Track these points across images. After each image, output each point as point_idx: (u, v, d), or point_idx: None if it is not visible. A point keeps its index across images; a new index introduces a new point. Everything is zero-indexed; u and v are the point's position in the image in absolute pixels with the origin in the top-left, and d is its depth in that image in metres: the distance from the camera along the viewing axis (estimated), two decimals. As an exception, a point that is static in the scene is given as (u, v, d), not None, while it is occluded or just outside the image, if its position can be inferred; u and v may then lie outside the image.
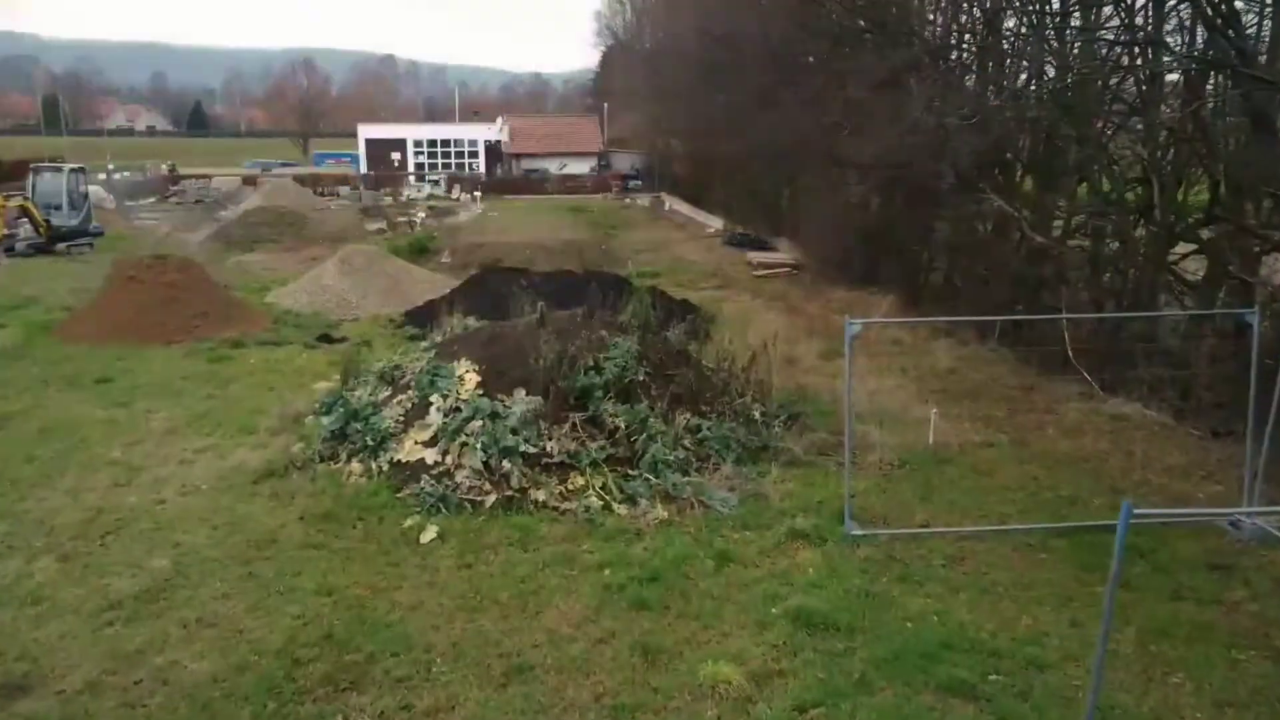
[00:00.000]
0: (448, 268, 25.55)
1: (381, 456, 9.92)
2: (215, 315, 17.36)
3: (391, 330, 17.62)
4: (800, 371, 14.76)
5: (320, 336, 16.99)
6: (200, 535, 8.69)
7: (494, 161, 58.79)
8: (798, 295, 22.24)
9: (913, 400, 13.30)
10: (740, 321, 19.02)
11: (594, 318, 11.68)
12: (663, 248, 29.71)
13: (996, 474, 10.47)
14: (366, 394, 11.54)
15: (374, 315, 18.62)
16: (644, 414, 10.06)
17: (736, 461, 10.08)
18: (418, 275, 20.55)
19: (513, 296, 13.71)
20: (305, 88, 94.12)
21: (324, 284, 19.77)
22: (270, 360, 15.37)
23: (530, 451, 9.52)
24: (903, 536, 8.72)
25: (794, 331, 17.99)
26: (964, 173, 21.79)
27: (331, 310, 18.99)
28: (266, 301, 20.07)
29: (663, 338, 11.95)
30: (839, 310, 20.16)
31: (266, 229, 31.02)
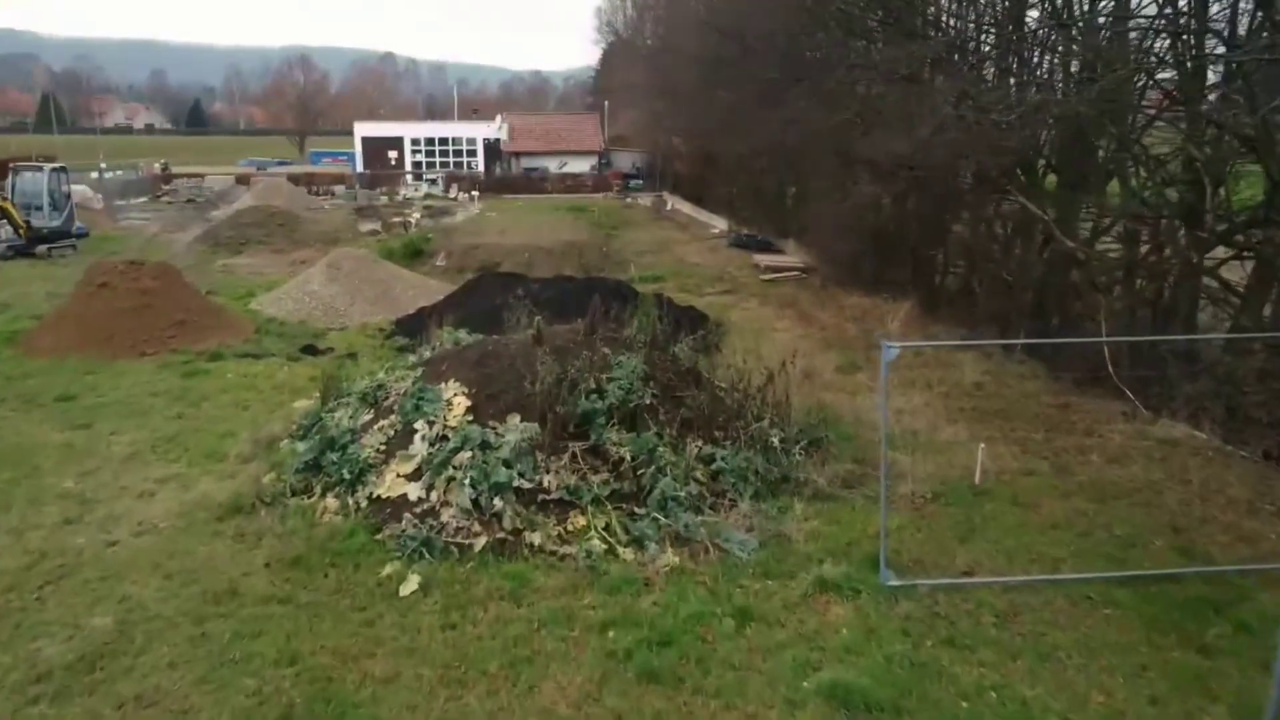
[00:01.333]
0: (442, 271, 24.54)
1: (360, 491, 8.91)
2: (193, 324, 16.35)
3: (380, 341, 16.60)
4: (818, 387, 13.73)
5: (304, 348, 15.98)
6: (151, 586, 7.68)
7: (493, 160, 57.73)
8: (809, 301, 21.22)
9: (941, 420, 12.28)
10: (750, 331, 18.02)
11: (595, 333, 10.66)
12: (665, 249, 28.70)
13: (1040, 508, 9.45)
14: (346, 417, 10.54)
15: (362, 324, 17.60)
16: (652, 443, 9.05)
17: (755, 496, 9.07)
18: (409, 280, 19.54)
19: (508, 307, 12.68)
20: (302, 85, 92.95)
21: (310, 290, 18.76)
22: (249, 375, 14.35)
23: (525, 487, 8.51)
24: (945, 587, 7.71)
25: (808, 342, 17.00)
26: (983, 172, 20.88)
27: (318, 318, 17.98)
28: (250, 308, 19.06)
29: (671, 355, 10.94)
30: (853, 318, 19.20)
31: (256, 230, 30.01)
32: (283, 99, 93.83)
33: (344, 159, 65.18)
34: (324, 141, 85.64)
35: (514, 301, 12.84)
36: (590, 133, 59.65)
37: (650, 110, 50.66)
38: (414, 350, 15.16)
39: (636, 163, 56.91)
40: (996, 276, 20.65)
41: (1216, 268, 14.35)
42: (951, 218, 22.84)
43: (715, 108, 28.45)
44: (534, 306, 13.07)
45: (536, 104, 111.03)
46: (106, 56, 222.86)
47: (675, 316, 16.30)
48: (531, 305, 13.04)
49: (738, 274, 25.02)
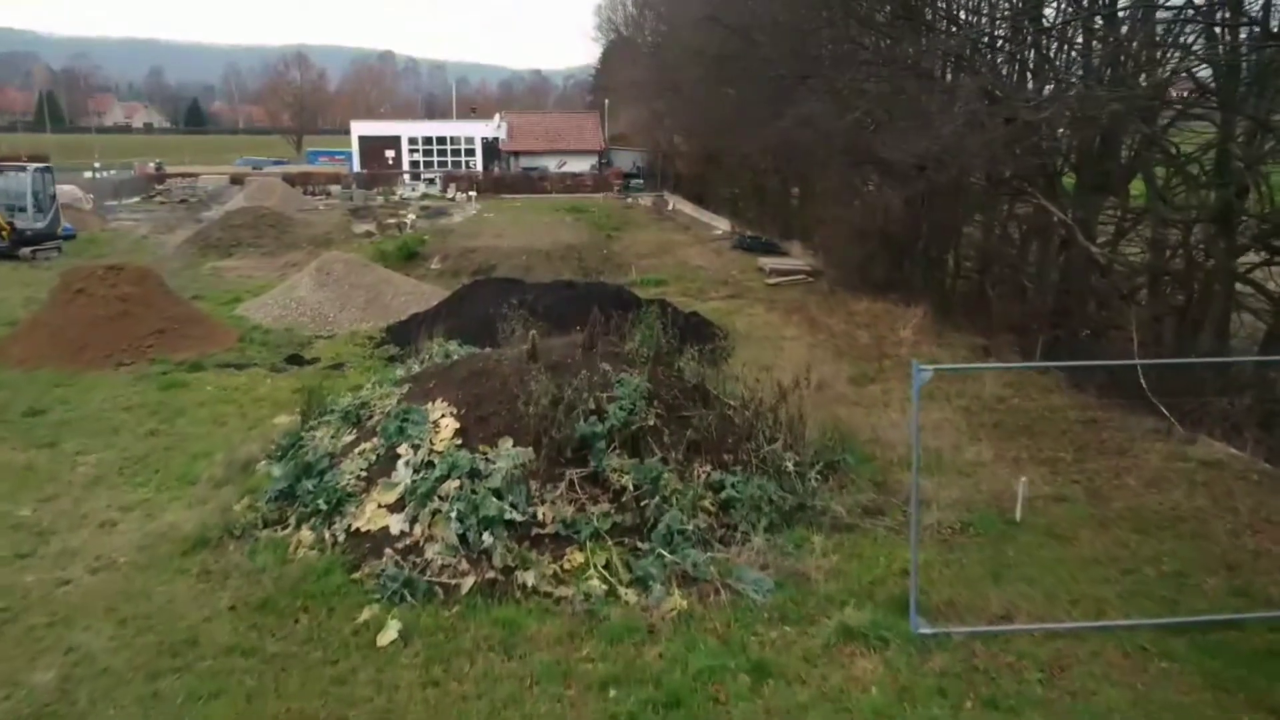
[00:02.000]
0: (437, 274, 23.77)
1: (337, 523, 8.16)
2: (173, 333, 15.61)
3: (369, 350, 15.84)
4: (830, 400, 12.99)
5: (289, 358, 15.24)
6: (103, 634, 6.94)
7: (491, 159, 56.96)
8: (817, 306, 20.46)
9: (963, 438, 11.53)
10: (757, 339, 17.27)
11: (594, 347, 9.91)
12: (667, 252, 27.93)
13: (1078, 540, 8.70)
14: (327, 437, 9.80)
15: (351, 331, 16.85)
16: (656, 470, 8.29)
17: (769, 528, 8.31)
18: (401, 285, 18.79)
19: (503, 317, 11.93)
20: (299, 83, 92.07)
21: (298, 296, 18.00)
22: (229, 387, 13.60)
23: (517, 520, 7.77)
24: (982, 634, 6.96)
25: (818, 351, 16.25)
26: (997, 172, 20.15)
27: (305, 325, 17.23)
28: (235, 315, 18.31)
29: (676, 370, 10.19)
30: (864, 324, 18.45)
31: (247, 232, 29.23)
32: (279, 98, 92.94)
33: (341, 158, 64.42)
34: (322, 140, 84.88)
35: (509, 311, 12.08)
36: (590, 132, 58.87)
37: (650, 109, 49.92)
38: (404, 360, 14.44)
39: (637, 162, 56.13)
40: (1012, 281, 19.95)
41: (1248, 272, 13.63)
42: (962, 219, 22.14)
43: (719, 105, 27.69)
44: (530, 316, 12.36)
45: (536, 103, 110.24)
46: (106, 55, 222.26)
47: (679, 326, 15.58)
48: (527, 315, 12.32)
49: (742, 278, 24.26)
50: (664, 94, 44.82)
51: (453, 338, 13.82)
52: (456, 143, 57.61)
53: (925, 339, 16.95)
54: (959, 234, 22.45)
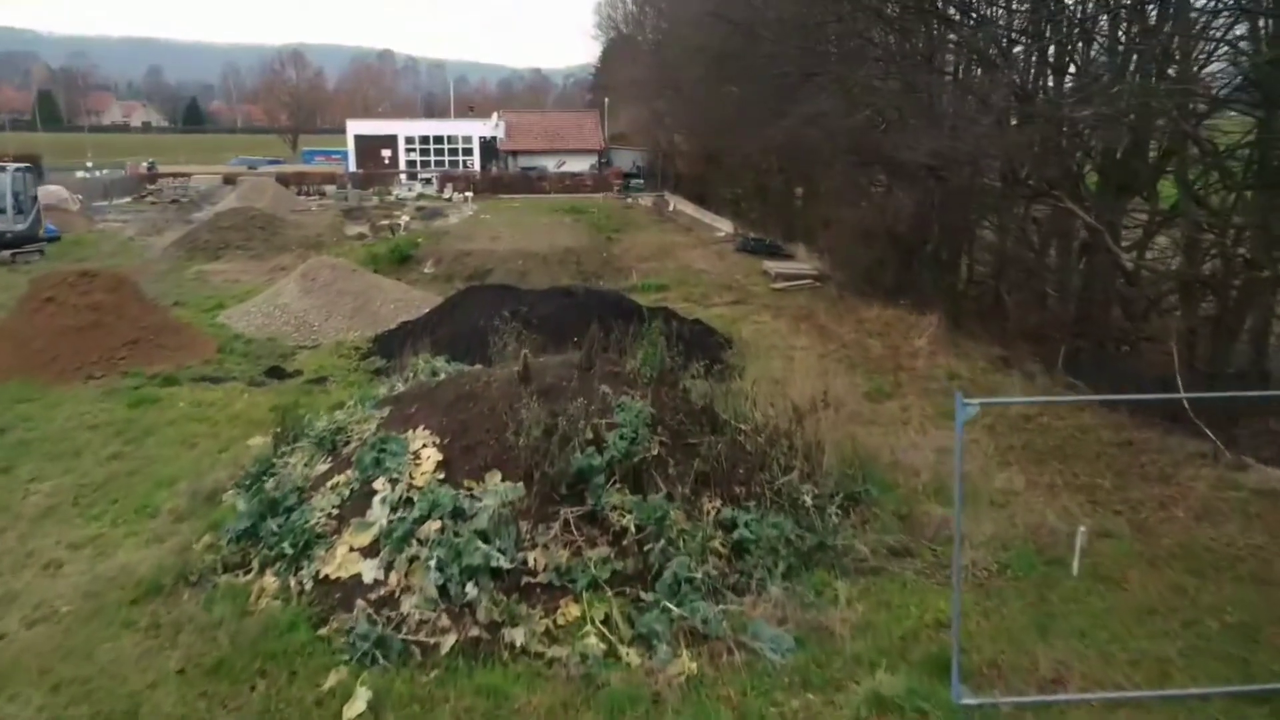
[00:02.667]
0: (430, 279, 22.92)
1: (304, 568, 7.30)
2: (148, 343, 14.75)
3: (355, 361, 14.98)
4: (845, 418, 12.12)
5: (269, 370, 14.38)
6: (32, 703, 6.09)
7: (489, 159, 56.11)
8: (825, 313, 19.60)
9: (990, 462, 10.68)
10: (764, 349, 16.41)
11: (592, 367, 9.06)
12: (669, 254, 27.07)
13: (1129, 584, 7.85)
14: (300, 465, 8.96)
15: (336, 341, 15.98)
16: (661, 509, 7.43)
17: (787, 574, 7.46)
18: (391, 292, 17.92)
19: (495, 330, 11.08)
20: (295, 81, 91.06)
21: (282, 303, 17.15)
22: (203, 403, 12.74)
23: (505, 568, 6.91)
24: (1033, 705, 6.11)
25: (829, 362, 15.40)
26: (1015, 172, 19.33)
27: (289, 334, 16.37)
28: (216, 323, 17.44)
29: (682, 391, 9.34)
30: (875, 332, 17.60)
31: (236, 234, 28.36)
32: (275, 97, 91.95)
33: (338, 157, 63.61)
34: (318, 140, 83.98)
35: (502, 324, 11.22)
36: (590, 131, 58.00)
37: (651, 107, 49.11)
38: (390, 374, 13.60)
39: (637, 161, 55.27)
40: (1029, 287, 19.10)
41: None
42: (974, 222, 21.31)
43: (721, 104, 26.84)
44: (524, 329, 11.53)
45: (536, 102, 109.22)
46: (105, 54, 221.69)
47: (683, 336, 14.73)
48: (521, 327, 11.48)
49: (746, 282, 23.41)
50: (665, 92, 44.02)
51: (442, 351, 13.00)
52: (454, 142, 56.75)
53: (941, 349, 16.10)
54: (971, 237, 21.64)
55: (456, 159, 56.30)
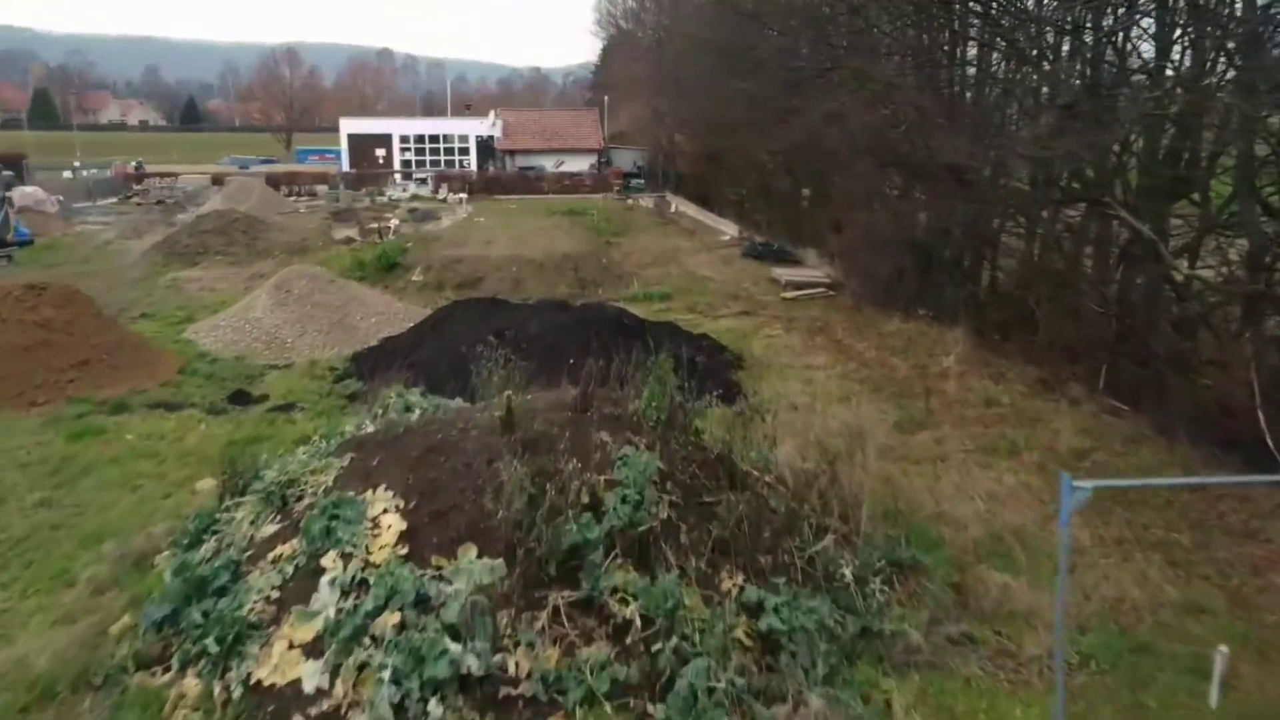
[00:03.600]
0: (419, 287, 21.53)
1: (235, 669, 5.93)
2: (100, 365, 13.39)
3: (328, 384, 13.60)
4: (874, 456, 10.77)
5: (232, 395, 13.01)
6: None
7: (486, 158, 54.67)
8: (842, 326, 18.23)
9: (1048, 508, 9.30)
10: (778, 368, 15.05)
11: (589, 410, 7.68)
12: (671, 259, 25.68)
13: (1240, 682, 6.48)
14: (246, 524, 7.59)
15: (310, 360, 14.59)
16: (672, 596, 6.06)
17: (829, 675, 6.08)
18: (372, 304, 16.53)
19: (478, 356, 9.70)
20: (289, 78, 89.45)
21: (253, 317, 15.78)
22: (153, 435, 11.36)
23: (478, 675, 5.55)
24: None
25: (850, 384, 14.04)
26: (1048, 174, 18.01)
27: (259, 352, 15.00)
28: (182, 338, 16.06)
29: (695, 435, 7.97)
30: (898, 349, 16.21)
31: (217, 238, 26.98)
32: (269, 94, 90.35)
33: (332, 156, 62.24)
34: (313, 139, 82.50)
35: (488, 349, 9.83)
36: (589, 129, 56.57)
37: (652, 105, 47.74)
38: (365, 398, 12.25)
39: (637, 161, 53.86)
40: (1062, 298, 17.74)
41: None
42: (999, 227, 19.94)
43: (727, 101, 25.42)
44: (514, 352, 10.16)
45: (535, 101, 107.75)
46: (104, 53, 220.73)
47: (692, 359, 13.36)
48: (509, 351, 10.11)
49: (755, 290, 22.03)
50: (666, 89, 42.63)
51: (422, 375, 11.65)
52: (450, 141, 55.27)
53: (972, 369, 14.72)
54: (995, 244, 20.25)
55: (453, 158, 54.86)
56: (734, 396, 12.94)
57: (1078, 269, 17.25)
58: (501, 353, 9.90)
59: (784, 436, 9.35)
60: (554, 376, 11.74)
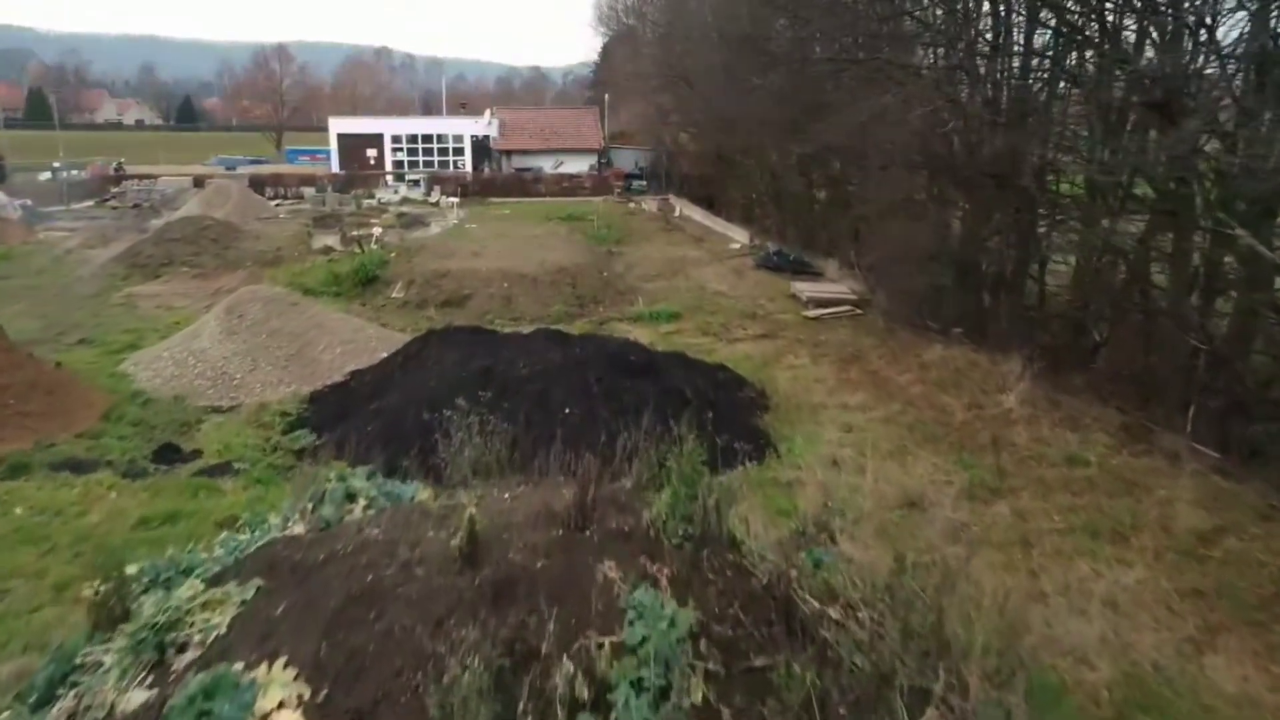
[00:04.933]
0: (398, 305, 19.36)
1: None
2: (5, 411, 11.19)
3: (277, 434, 11.41)
4: (943, 535, 8.62)
5: (159, 450, 10.84)
6: None
7: (482, 159, 52.50)
8: (875, 352, 16.05)
9: (1186, 624, 7.12)
10: (809, 409, 12.86)
11: (589, 526, 5.48)
12: (678, 271, 23.51)
13: None
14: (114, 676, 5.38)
15: (260, 403, 12.40)
16: None
17: None
18: (338, 331, 14.32)
19: (446, 424, 7.50)
20: (279, 74, 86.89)
21: (199, 348, 13.60)
22: (48, 509, 9.18)
23: None
24: None
25: (897, 430, 11.85)
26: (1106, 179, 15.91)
27: (202, 390, 12.82)
28: (118, 372, 13.87)
29: (738, 553, 5.76)
30: (946, 382, 14.02)
31: (184, 247, 24.80)
32: (256, 92, 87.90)
33: (323, 157, 60.09)
34: (306, 138, 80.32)
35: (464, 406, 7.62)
36: (589, 129, 54.39)
37: (655, 103, 45.59)
38: (317, 455, 10.07)
39: (639, 162, 51.70)
40: (1127, 322, 15.57)
41: None
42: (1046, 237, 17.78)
43: (741, 98, 23.24)
44: (499, 394, 8.01)
45: (535, 100, 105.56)
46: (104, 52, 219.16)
47: (710, 400, 11.17)
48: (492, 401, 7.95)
49: (773, 308, 19.84)
50: (671, 86, 40.52)
51: (382, 436, 9.46)
52: (444, 141, 53.13)
53: (1039, 410, 12.55)
54: (1043, 257, 18.05)
55: (447, 159, 52.74)
56: (763, 449, 10.79)
57: (1148, 288, 15.10)
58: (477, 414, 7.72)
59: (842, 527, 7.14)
60: (544, 434, 9.57)
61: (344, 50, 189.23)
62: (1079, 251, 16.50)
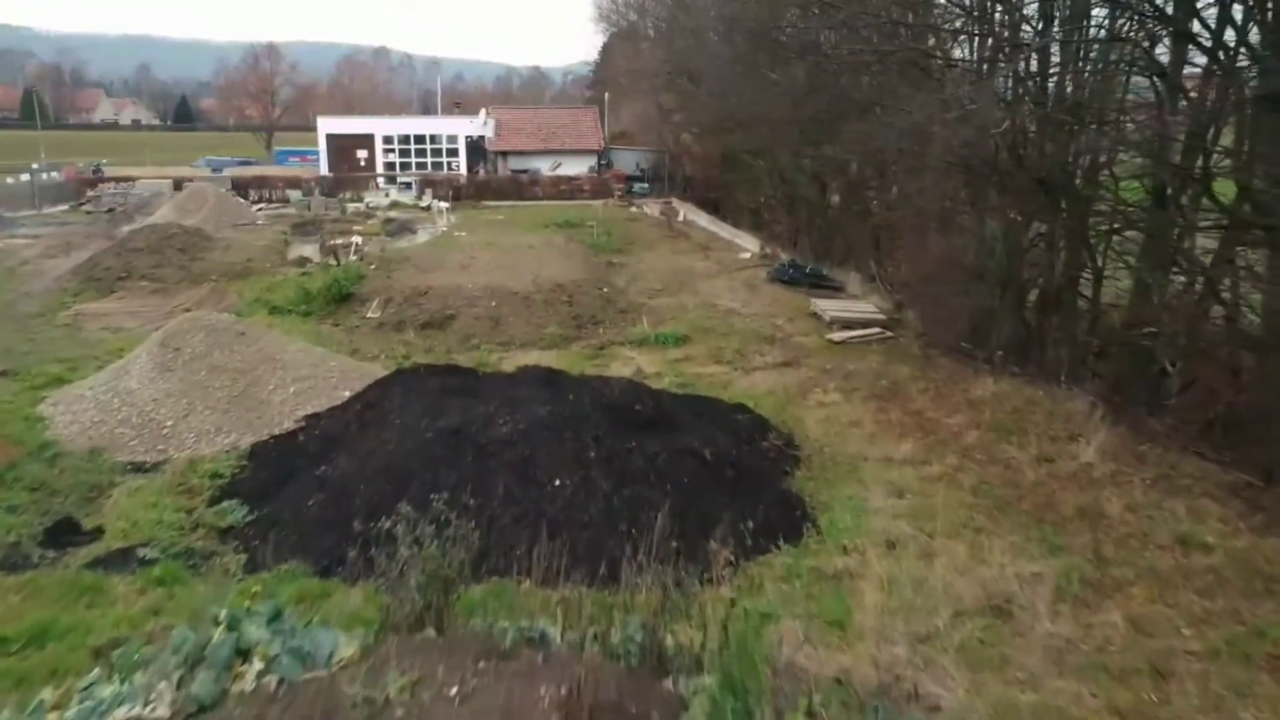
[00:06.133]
0: (373, 327, 17.26)
1: None
2: None
3: (203, 504, 9.31)
4: (1033, 647, 6.59)
5: (53, 529, 8.75)
6: None
7: (477, 160, 50.40)
8: (914, 384, 13.97)
9: None
10: (845, 462, 10.78)
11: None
12: (684, 285, 21.44)
13: None
14: None
15: (190, 459, 10.29)
16: None
17: None
18: (295, 365, 12.21)
19: (392, 535, 5.43)
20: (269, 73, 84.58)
21: (126, 387, 11.52)
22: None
23: None
24: None
25: (958, 494, 9.77)
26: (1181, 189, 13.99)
27: (125, 441, 10.74)
28: (33, 414, 11.79)
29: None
30: (1007, 426, 11.92)
31: (147, 258, 22.71)
32: (244, 91, 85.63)
33: (313, 158, 57.95)
34: (297, 139, 78.19)
35: (404, 522, 5.56)
36: (588, 128, 52.27)
37: (657, 102, 43.58)
38: (246, 540, 8.07)
39: (641, 163, 49.62)
40: (1205, 354, 13.51)
41: None
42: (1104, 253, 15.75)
43: (755, 94, 21.18)
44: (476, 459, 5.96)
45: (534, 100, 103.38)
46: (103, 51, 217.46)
47: (732, 461, 9.10)
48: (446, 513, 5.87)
49: (792, 329, 17.76)
50: (675, 84, 38.51)
51: (326, 508, 7.44)
52: (437, 141, 50.98)
53: (1124, 465, 10.47)
54: (1098, 277, 15.99)
55: (441, 160, 50.64)
56: (799, 522, 8.74)
57: (1236, 313, 13.03)
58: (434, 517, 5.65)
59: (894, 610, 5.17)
60: (527, 514, 7.54)
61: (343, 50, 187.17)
62: (1146, 267, 14.40)
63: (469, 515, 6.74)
